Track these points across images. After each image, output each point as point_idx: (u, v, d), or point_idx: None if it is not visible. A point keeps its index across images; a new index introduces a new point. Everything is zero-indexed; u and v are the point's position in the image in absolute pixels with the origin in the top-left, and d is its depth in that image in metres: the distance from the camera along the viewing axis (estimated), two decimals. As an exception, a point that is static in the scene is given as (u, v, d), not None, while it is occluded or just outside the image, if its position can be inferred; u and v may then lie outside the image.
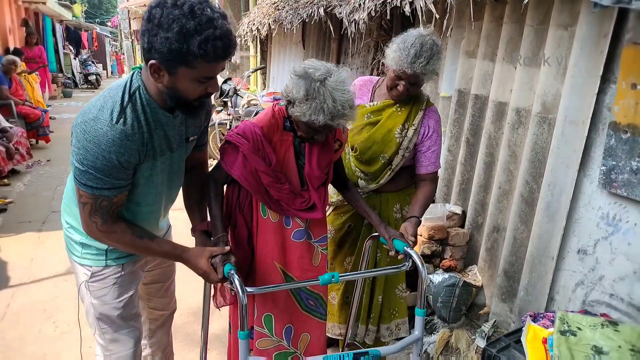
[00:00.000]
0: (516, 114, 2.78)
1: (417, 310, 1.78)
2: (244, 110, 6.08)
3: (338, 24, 4.72)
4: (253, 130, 1.73)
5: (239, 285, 1.52)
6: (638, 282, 2.11)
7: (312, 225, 1.90)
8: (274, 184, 1.75)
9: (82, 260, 1.66)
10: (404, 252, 1.83)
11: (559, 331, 1.72)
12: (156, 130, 1.47)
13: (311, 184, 1.83)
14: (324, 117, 1.59)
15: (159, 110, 1.45)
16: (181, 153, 1.65)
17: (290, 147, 1.80)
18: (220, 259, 1.59)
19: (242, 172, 1.74)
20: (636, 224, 2.11)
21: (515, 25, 2.79)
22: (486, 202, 3.11)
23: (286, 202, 1.80)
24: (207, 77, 1.36)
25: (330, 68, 1.64)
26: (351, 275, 1.99)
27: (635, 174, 2.03)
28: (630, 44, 2.04)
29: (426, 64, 1.90)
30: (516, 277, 2.78)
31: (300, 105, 1.61)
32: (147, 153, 1.47)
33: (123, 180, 1.44)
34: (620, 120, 2.09)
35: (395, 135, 2.11)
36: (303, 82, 1.60)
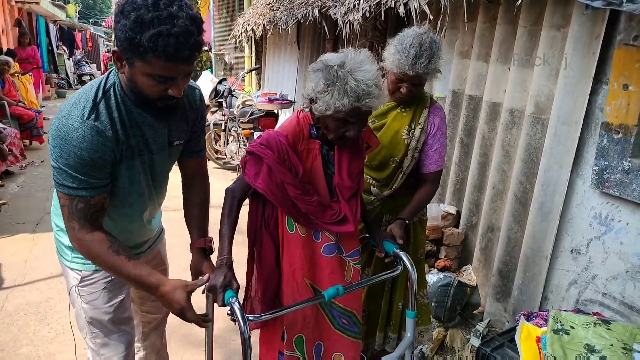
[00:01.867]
0: (510, 114, 2.81)
1: (408, 312, 1.77)
2: (238, 111, 6.07)
3: (333, 24, 4.73)
4: (277, 140, 1.61)
5: (240, 315, 1.42)
6: (630, 280, 2.14)
7: (342, 238, 1.78)
8: (301, 196, 1.64)
9: (71, 264, 1.64)
10: (394, 253, 1.79)
11: (552, 330, 1.74)
12: (132, 129, 1.44)
13: (342, 194, 1.71)
14: (349, 100, 1.49)
15: (133, 109, 1.42)
16: (163, 156, 1.60)
17: (318, 156, 1.69)
18: (220, 284, 1.49)
19: (267, 185, 1.62)
20: (628, 223, 2.14)
21: (508, 26, 2.81)
22: (480, 202, 3.13)
23: (315, 215, 1.68)
24: (162, 76, 1.30)
25: (347, 52, 1.57)
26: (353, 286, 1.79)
27: (627, 173, 2.06)
28: (621, 45, 2.06)
29: (427, 63, 1.86)
30: (510, 277, 2.80)
31: (323, 97, 1.52)
32: (123, 152, 1.43)
33: (100, 180, 1.40)
34: (612, 120, 2.11)
35: (403, 137, 2.05)
36: (321, 74, 1.53)
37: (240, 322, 1.40)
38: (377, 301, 2.30)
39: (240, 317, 1.40)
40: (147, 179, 1.59)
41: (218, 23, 10.31)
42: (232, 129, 6.27)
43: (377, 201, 2.17)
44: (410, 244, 2.21)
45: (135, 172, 1.51)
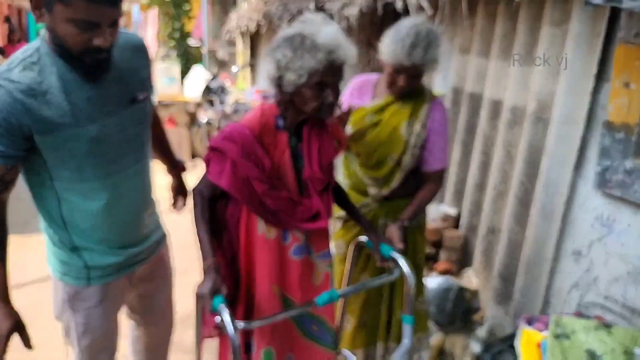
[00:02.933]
0: (511, 112, 2.83)
1: (405, 318, 1.76)
2: (231, 108, 6.09)
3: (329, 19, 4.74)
4: (242, 132, 1.56)
5: (230, 322, 1.40)
6: (632, 283, 2.16)
7: (311, 237, 1.73)
8: (269, 191, 1.59)
9: (63, 277, 1.59)
10: (390, 257, 1.77)
11: (553, 335, 1.76)
12: (74, 92, 1.34)
13: (313, 187, 1.67)
14: (323, 55, 1.45)
15: (70, 69, 1.32)
16: (126, 117, 1.48)
17: (286, 149, 1.63)
18: (210, 289, 1.49)
19: (231, 182, 1.56)
20: (630, 224, 2.16)
21: (509, 22, 2.83)
22: (481, 203, 3.16)
23: (285, 213, 1.63)
24: (85, 22, 1.21)
25: (298, 24, 1.54)
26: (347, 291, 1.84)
27: (629, 174, 2.08)
28: (622, 43, 2.09)
29: (424, 53, 1.84)
30: (511, 280, 2.82)
31: (293, 65, 1.47)
32: (63, 119, 1.33)
33: (5, 148, 1.29)
34: (614, 119, 2.14)
35: (402, 133, 2.01)
36: (284, 45, 1.49)
37: (229, 330, 1.39)
38: (374, 309, 2.28)
39: (229, 324, 1.40)
40: (114, 147, 1.47)
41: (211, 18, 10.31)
42: (224, 127, 6.28)
43: (373, 203, 2.16)
44: (409, 249, 2.19)
45: (91, 139, 1.39)
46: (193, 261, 3.72)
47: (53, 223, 1.53)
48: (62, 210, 1.49)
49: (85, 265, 1.57)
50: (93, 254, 1.57)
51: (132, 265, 1.69)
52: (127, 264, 1.67)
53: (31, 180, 1.47)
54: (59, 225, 1.52)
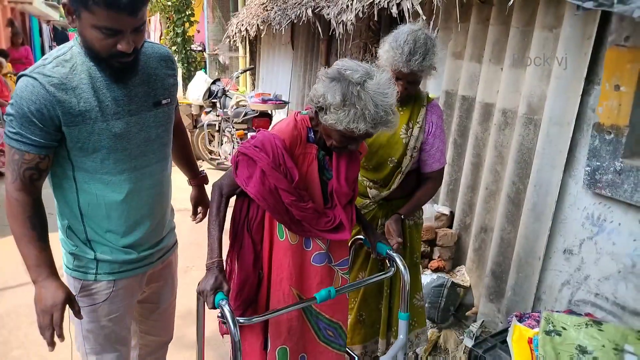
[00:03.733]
0: (502, 115, 2.81)
1: (401, 314, 1.75)
2: (232, 112, 6.06)
3: (326, 24, 4.72)
4: (273, 143, 1.55)
5: (231, 318, 1.39)
6: (622, 281, 2.14)
7: (333, 247, 1.73)
8: (296, 202, 1.57)
9: (72, 272, 1.58)
10: (387, 255, 1.77)
11: (544, 331, 1.74)
12: (102, 90, 1.40)
13: (339, 201, 1.66)
14: (365, 125, 1.44)
15: (92, 69, 1.39)
16: (148, 118, 1.53)
17: (314, 161, 1.62)
18: (211, 286, 1.49)
19: (259, 190, 1.55)
20: (620, 224, 2.14)
21: (501, 27, 2.81)
22: (474, 203, 3.14)
23: (309, 223, 1.62)
24: (109, 29, 1.27)
25: (370, 69, 1.49)
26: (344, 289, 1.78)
27: (619, 174, 2.06)
28: (613, 46, 2.07)
29: (422, 60, 1.83)
30: (503, 277, 2.80)
31: (336, 112, 1.44)
32: (90, 113, 1.38)
33: (35, 137, 1.35)
34: (604, 121, 2.12)
35: (401, 136, 2.01)
36: (339, 86, 1.44)
37: (230, 325, 1.38)
38: (373, 305, 2.26)
39: (230, 319, 1.39)
40: (134, 145, 1.51)
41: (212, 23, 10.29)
42: (225, 130, 6.26)
43: (372, 204, 2.15)
44: (406, 247, 2.19)
45: (113, 135, 1.44)
46: (194, 260, 3.73)
47: (68, 213, 1.54)
48: (80, 200, 1.51)
49: (95, 258, 1.56)
50: (104, 248, 1.56)
51: (141, 267, 1.67)
52: (136, 265, 1.64)
53: (53, 170, 1.49)
54: (75, 216, 1.53)
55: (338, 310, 1.76)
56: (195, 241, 4.26)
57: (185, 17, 9.92)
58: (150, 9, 11.10)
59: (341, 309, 1.78)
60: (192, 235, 4.20)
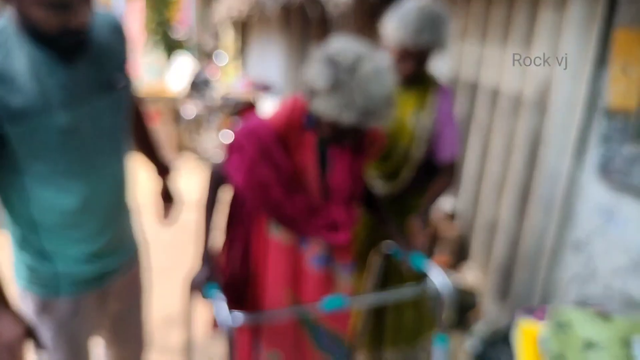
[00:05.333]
0: (509, 100, 2.84)
1: (439, 337, 1.65)
2: (219, 101, 6.09)
3: (320, 7, 4.74)
4: (263, 131, 1.51)
5: (223, 308, 1.40)
6: (632, 274, 2.19)
7: (335, 248, 1.66)
8: (286, 197, 1.53)
9: (31, 287, 1.46)
10: (424, 269, 1.67)
11: (551, 325, 1.78)
12: (44, 77, 1.26)
13: (337, 197, 1.59)
14: (350, 115, 1.36)
15: (42, 49, 1.25)
16: (101, 106, 1.39)
17: (313, 151, 1.56)
18: (203, 276, 1.50)
19: (247, 182, 1.52)
20: (630, 214, 2.19)
21: (506, 7, 2.85)
22: (479, 195, 3.17)
23: (302, 220, 1.57)
24: (56, 4, 1.15)
25: (364, 52, 1.40)
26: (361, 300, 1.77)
27: (629, 159, 2.10)
28: (621, 27, 2.11)
29: (431, 37, 1.79)
30: (510, 273, 2.84)
31: (324, 99, 1.39)
32: (33, 107, 1.25)
33: None
34: (614, 105, 2.16)
35: (408, 124, 1.97)
36: (327, 70, 1.37)
37: (222, 319, 1.41)
38: (378, 312, 2.21)
39: (222, 309, 1.41)
40: (89, 136, 1.38)
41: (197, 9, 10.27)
42: (211, 120, 6.28)
43: None
44: None
45: (65, 127, 1.31)
46: (174, 260, 3.74)
47: (21, 224, 1.42)
48: (31, 209, 1.38)
49: (55, 273, 1.46)
50: (64, 259, 1.46)
51: (105, 278, 1.59)
52: (100, 276, 1.56)
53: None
54: (28, 227, 1.42)
55: (339, 319, 1.71)
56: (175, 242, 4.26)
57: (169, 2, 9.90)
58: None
59: (342, 318, 1.73)
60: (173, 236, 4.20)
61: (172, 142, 6.87)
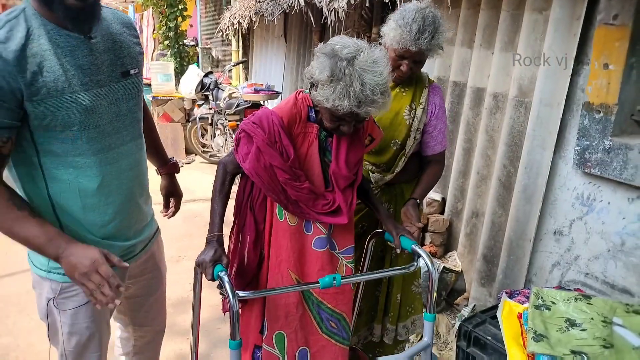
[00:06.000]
0: (493, 99, 2.82)
1: (427, 315, 1.66)
2: (225, 104, 6.04)
3: (319, 13, 4.72)
4: (270, 119, 1.53)
5: (230, 289, 1.39)
6: (611, 259, 2.16)
7: (336, 232, 1.69)
8: (291, 182, 1.55)
9: (48, 275, 1.44)
10: (412, 250, 1.69)
11: (534, 306, 1.75)
12: (65, 57, 1.25)
13: (337, 184, 1.62)
14: (349, 103, 1.40)
15: (61, 32, 1.23)
16: (118, 90, 1.40)
17: (315, 141, 1.60)
18: (210, 258, 1.48)
19: (254, 166, 1.54)
20: (609, 202, 2.16)
21: (492, 11, 2.83)
22: (465, 188, 3.15)
23: (305, 204, 1.59)
24: None
25: (361, 45, 1.44)
26: (355, 277, 1.74)
27: (608, 152, 2.08)
28: (601, 25, 2.08)
29: (431, 39, 1.77)
30: (495, 261, 2.81)
31: (323, 88, 1.43)
32: (56, 84, 1.23)
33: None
34: (593, 100, 2.13)
35: (404, 117, 1.97)
36: (328, 61, 1.41)
37: (229, 296, 1.38)
38: (369, 295, 2.21)
39: (229, 290, 1.38)
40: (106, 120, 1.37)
41: (205, 17, 10.25)
42: (218, 122, 6.25)
43: (375, 189, 2.09)
44: None
45: (83, 108, 1.29)
46: (186, 250, 3.72)
47: (40, 206, 1.37)
48: (50, 191, 1.35)
49: None
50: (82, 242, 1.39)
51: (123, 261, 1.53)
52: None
53: (15, 158, 1.31)
54: (47, 209, 1.37)
55: (342, 300, 1.70)
56: (187, 232, 4.26)
57: (177, 11, 9.87)
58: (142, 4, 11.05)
59: (346, 300, 1.72)
60: (184, 227, 4.21)
61: (180, 143, 6.85)
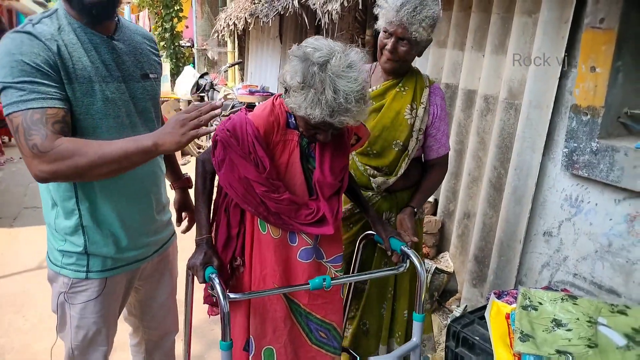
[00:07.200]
0: (484, 101, 2.84)
1: (415, 315, 1.65)
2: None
3: (313, 15, 4.74)
4: (244, 129, 1.44)
5: (221, 291, 1.37)
6: (599, 260, 2.18)
7: (323, 241, 1.61)
8: (269, 194, 1.46)
9: (61, 270, 1.51)
10: (401, 251, 1.67)
11: (521, 306, 1.76)
12: (90, 51, 1.37)
13: (322, 192, 1.53)
14: (321, 112, 1.30)
15: (86, 30, 1.36)
16: (137, 89, 1.50)
17: (296, 149, 1.51)
18: (201, 261, 1.48)
19: (228, 177, 1.47)
20: (597, 204, 2.18)
21: (483, 14, 2.84)
22: (457, 190, 3.17)
23: (288, 215, 1.51)
24: None
25: (334, 48, 1.33)
26: (345, 278, 1.70)
27: (595, 154, 2.10)
28: (589, 28, 2.10)
29: (412, 10, 1.72)
30: (486, 262, 2.83)
31: (295, 95, 1.33)
32: (83, 72, 1.34)
33: (51, 88, 1.26)
34: (581, 102, 2.15)
35: (406, 117, 1.90)
36: (300, 66, 1.31)
37: (220, 297, 1.38)
38: (375, 311, 2.15)
39: (220, 292, 1.38)
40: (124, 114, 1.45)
41: (201, 18, 10.25)
42: (213, 123, 6.26)
43: (376, 196, 2.02)
44: None
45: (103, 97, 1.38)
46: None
47: (62, 197, 1.44)
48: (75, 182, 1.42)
49: (85, 251, 1.48)
50: (96, 236, 1.48)
51: (135, 262, 1.61)
52: (129, 261, 1.58)
53: None
54: (69, 195, 1.43)
55: (331, 310, 1.66)
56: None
57: (173, 12, 9.89)
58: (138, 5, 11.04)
59: (335, 309, 1.67)
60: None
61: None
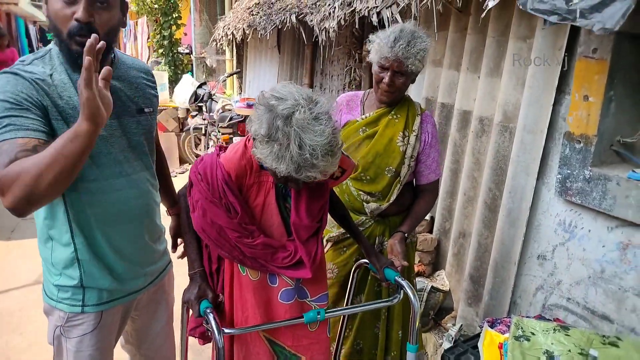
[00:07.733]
0: (479, 122, 2.86)
1: (409, 346, 1.65)
2: (218, 116, 6.07)
3: (311, 31, 4.76)
4: (214, 175, 1.42)
5: (215, 326, 1.37)
6: (592, 286, 2.19)
7: (306, 281, 1.57)
8: (242, 239, 1.45)
9: (57, 305, 1.52)
10: (395, 282, 1.68)
11: (514, 336, 1.78)
12: (70, 87, 1.36)
13: (298, 235, 1.50)
14: (286, 167, 1.23)
15: (77, 70, 1.33)
16: (131, 124, 1.50)
17: (272, 190, 1.48)
18: (195, 295, 1.49)
19: (200, 222, 1.46)
20: (590, 230, 2.20)
21: (478, 36, 2.87)
22: (453, 208, 3.18)
23: (264, 259, 1.49)
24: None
25: (300, 100, 1.24)
26: (339, 311, 1.71)
27: (588, 182, 2.12)
28: (582, 57, 2.12)
29: (406, 45, 1.80)
30: (481, 282, 2.85)
31: (260, 146, 1.27)
32: (73, 112, 1.33)
33: (26, 120, 1.23)
34: (574, 130, 2.17)
35: (398, 144, 1.97)
36: (266, 117, 1.24)
37: (215, 333, 1.39)
38: (369, 332, 2.19)
39: (215, 327, 1.40)
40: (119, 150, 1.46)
41: (199, 26, 10.28)
42: (212, 134, 6.28)
43: (369, 221, 2.06)
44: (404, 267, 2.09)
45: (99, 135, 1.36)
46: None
47: (58, 232, 1.45)
48: (70, 216, 1.44)
49: (81, 284, 1.48)
50: (92, 268, 1.49)
51: (131, 294, 1.62)
52: (125, 293, 1.60)
53: None
54: (64, 229, 1.44)
55: (318, 350, 1.63)
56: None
57: (172, 20, 9.91)
58: (137, 12, 11.06)
59: (322, 350, 1.65)
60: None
61: (174, 153, 6.87)
